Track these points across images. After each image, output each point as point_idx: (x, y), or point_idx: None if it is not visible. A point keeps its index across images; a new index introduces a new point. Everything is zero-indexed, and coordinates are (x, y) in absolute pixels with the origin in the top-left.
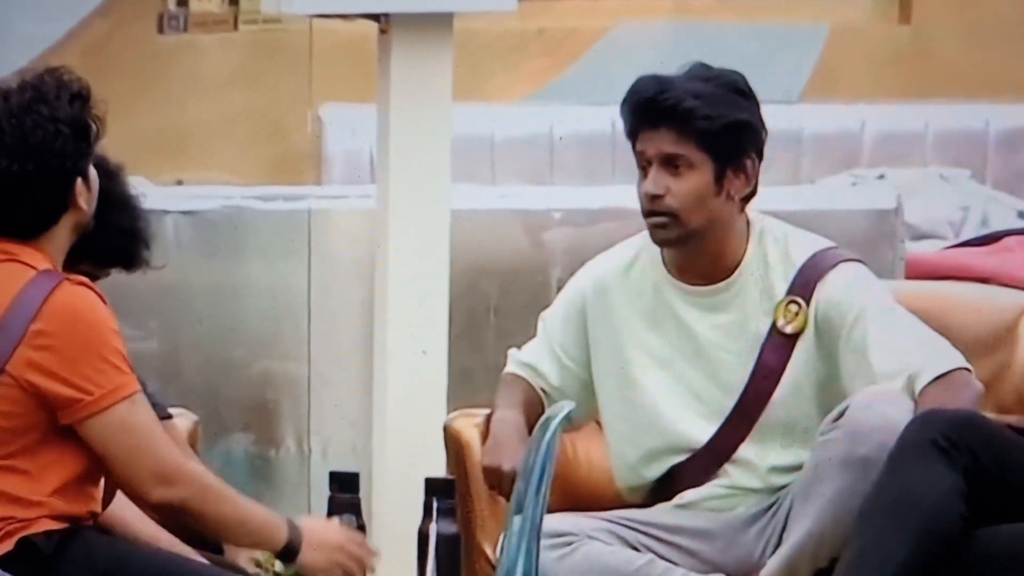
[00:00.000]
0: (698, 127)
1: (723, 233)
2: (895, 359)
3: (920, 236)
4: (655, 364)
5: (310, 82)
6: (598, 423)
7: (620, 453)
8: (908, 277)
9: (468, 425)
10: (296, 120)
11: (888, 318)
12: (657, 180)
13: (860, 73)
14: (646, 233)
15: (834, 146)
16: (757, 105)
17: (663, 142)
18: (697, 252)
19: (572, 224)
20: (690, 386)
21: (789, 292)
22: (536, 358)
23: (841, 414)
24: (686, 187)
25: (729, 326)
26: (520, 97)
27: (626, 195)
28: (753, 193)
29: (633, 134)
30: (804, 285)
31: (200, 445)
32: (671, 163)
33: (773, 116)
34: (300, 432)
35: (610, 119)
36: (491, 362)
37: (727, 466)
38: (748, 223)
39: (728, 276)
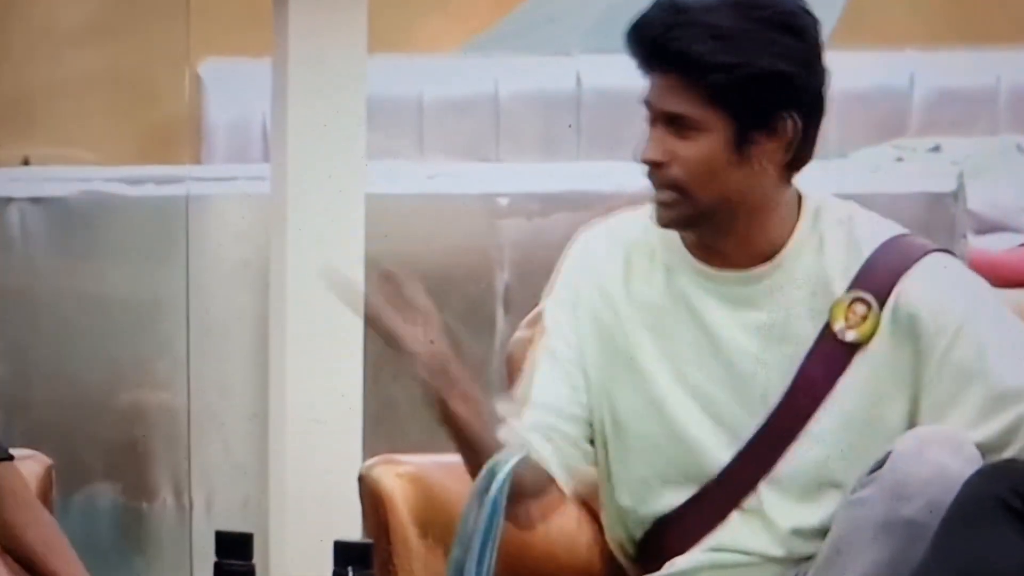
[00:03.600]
0: (709, 80)
1: (758, 212)
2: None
3: (988, 228)
4: (664, 374)
5: (188, 32)
6: None
7: (612, 492)
8: None
9: (390, 474)
10: (169, 81)
11: (1007, 326)
12: (658, 143)
13: (908, 9)
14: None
15: (873, 108)
16: (814, 46)
17: (667, 95)
18: (721, 234)
19: (524, 213)
20: (707, 404)
21: (853, 287)
22: (554, 400)
23: (881, 463)
24: (693, 153)
25: (765, 328)
26: (456, 46)
27: (594, 174)
28: (802, 160)
29: (645, 76)
30: (878, 280)
31: (54, 496)
32: (676, 123)
33: None
34: (179, 480)
35: (574, 73)
36: (416, 394)
37: (735, 515)
38: (800, 199)
39: (767, 261)
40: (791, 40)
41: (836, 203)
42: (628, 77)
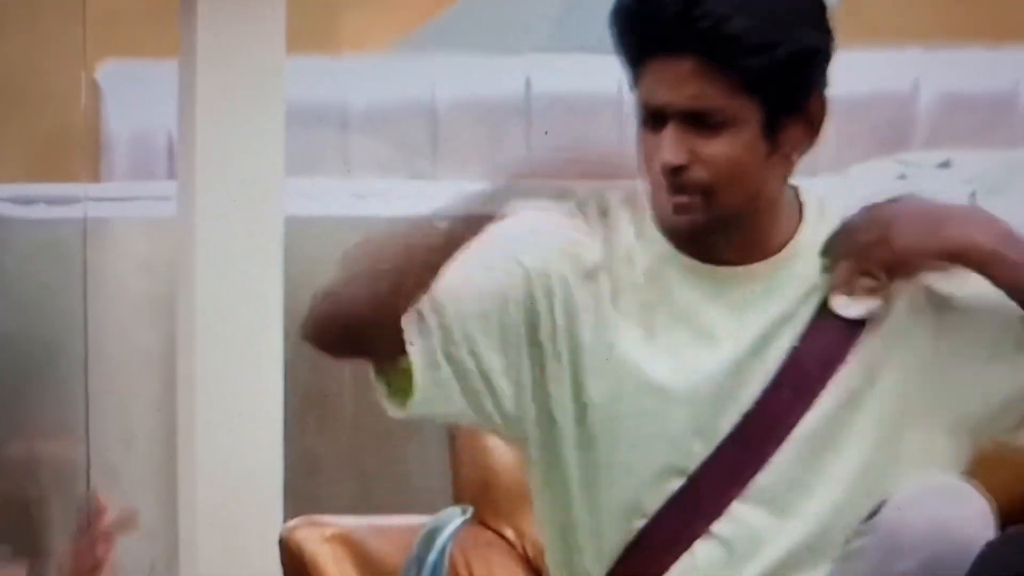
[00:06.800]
0: (746, 64)
1: (770, 208)
2: None
3: None
4: (639, 391)
5: (83, 31)
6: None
7: (562, 531)
8: None
9: (314, 538)
10: (62, 87)
11: None
12: (678, 144)
13: (912, 2)
14: (628, 189)
15: (871, 117)
16: (824, 9)
17: (687, 88)
18: (730, 233)
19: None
20: (691, 422)
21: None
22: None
23: (876, 512)
24: (722, 152)
25: (769, 327)
26: (386, 44)
27: (547, 192)
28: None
29: (631, 65)
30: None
31: None
32: (697, 118)
33: None
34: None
35: (523, 76)
36: (344, 446)
37: (698, 544)
38: (796, 192)
39: (775, 254)
40: (816, 5)
41: (834, 197)
42: (585, 80)
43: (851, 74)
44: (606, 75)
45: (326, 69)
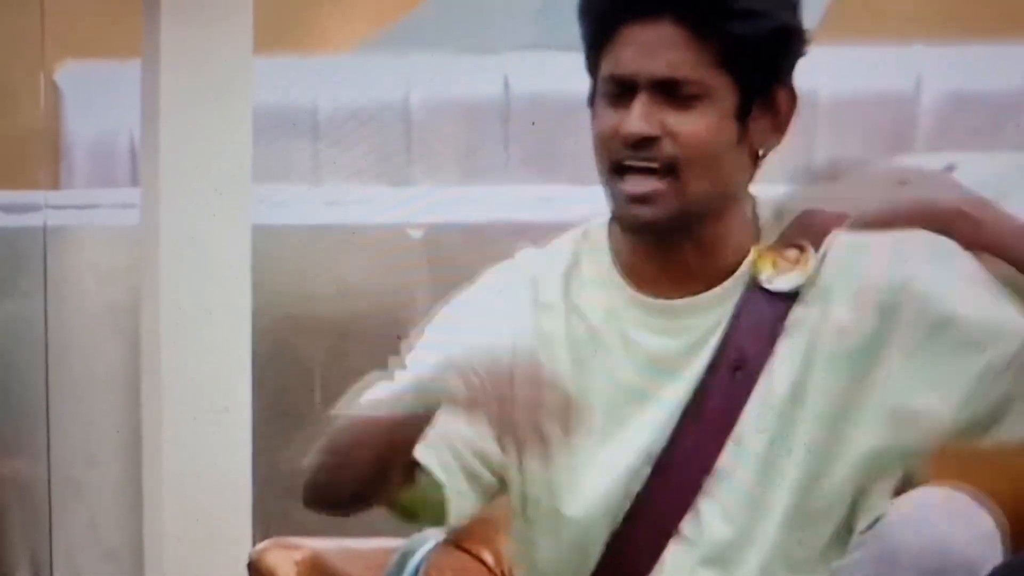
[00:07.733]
0: (726, 31)
1: (731, 212)
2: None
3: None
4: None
5: (42, 31)
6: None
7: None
8: None
9: (285, 561)
10: (21, 88)
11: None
12: (648, 114)
13: None
14: (583, 230)
15: (871, 117)
16: (800, 2)
17: (663, 54)
18: (683, 244)
19: (440, 247)
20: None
21: (784, 237)
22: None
23: (873, 524)
24: (695, 128)
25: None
26: (357, 43)
27: (526, 200)
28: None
29: (600, 34)
30: (808, 230)
31: None
32: (669, 90)
33: None
34: (38, 562)
35: (501, 75)
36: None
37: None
38: (754, 204)
39: (726, 279)
40: None
41: (797, 204)
42: (567, 79)
43: (849, 71)
44: None
45: (295, 70)
